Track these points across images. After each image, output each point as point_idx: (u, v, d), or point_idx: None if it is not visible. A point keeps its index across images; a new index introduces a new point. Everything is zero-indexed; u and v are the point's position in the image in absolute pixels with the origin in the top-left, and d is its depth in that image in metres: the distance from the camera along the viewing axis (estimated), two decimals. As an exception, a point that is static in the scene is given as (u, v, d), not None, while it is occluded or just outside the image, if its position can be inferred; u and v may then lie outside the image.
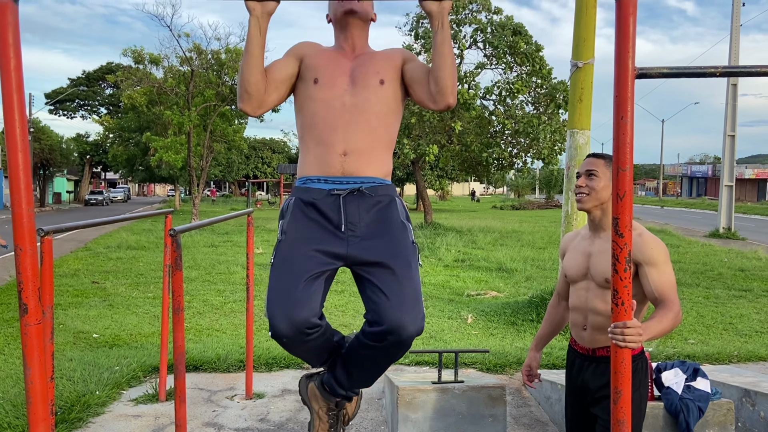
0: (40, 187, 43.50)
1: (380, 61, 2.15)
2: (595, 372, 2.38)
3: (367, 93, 2.08)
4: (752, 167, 63.33)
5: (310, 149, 2.12)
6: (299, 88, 2.17)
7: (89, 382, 4.53)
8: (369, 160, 2.10)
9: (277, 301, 2.02)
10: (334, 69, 2.12)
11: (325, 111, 2.08)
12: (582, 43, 6.42)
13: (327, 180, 2.08)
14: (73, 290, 9.25)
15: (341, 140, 2.07)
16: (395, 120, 2.17)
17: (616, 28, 1.61)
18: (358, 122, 2.07)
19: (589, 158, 2.45)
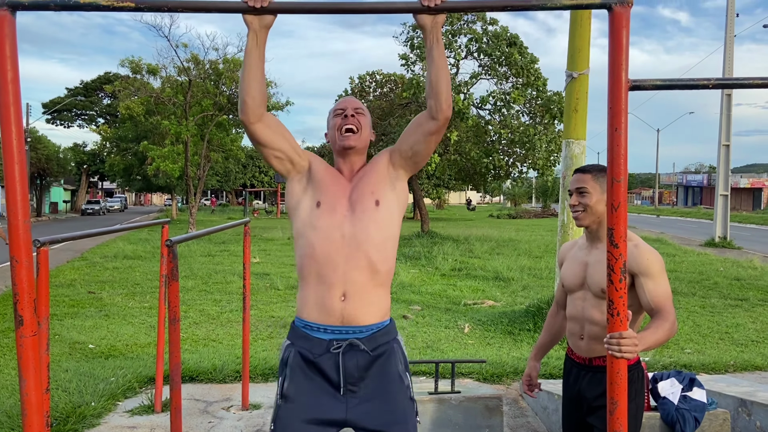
0: (37, 197, 43.43)
1: (373, 177, 2.19)
2: (592, 381, 2.38)
3: (365, 219, 2.12)
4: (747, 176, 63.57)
5: (310, 286, 2.13)
6: (301, 206, 2.18)
7: (85, 393, 4.51)
8: (369, 302, 2.11)
9: None
10: (335, 191, 2.16)
11: (324, 242, 2.10)
12: (577, 54, 6.47)
13: (327, 329, 2.10)
14: (70, 300, 9.22)
15: (341, 280, 2.08)
16: (393, 246, 2.20)
17: (610, 41, 1.63)
18: (358, 258, 2.09)
19: (577, 174, 2.46)
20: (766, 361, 5.94)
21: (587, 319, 2.38)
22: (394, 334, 2.20)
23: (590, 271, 2.39)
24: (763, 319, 8.19)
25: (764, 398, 3.69)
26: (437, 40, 2.00)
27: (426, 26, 1.96)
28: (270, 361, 5.52)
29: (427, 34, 1.98)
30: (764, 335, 7.25)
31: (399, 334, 2.25)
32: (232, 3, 1.80)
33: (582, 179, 2.41)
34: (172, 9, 1.72)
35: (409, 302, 9.28)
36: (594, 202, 2.37)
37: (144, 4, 1.69)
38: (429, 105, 2.12)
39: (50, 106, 48.53)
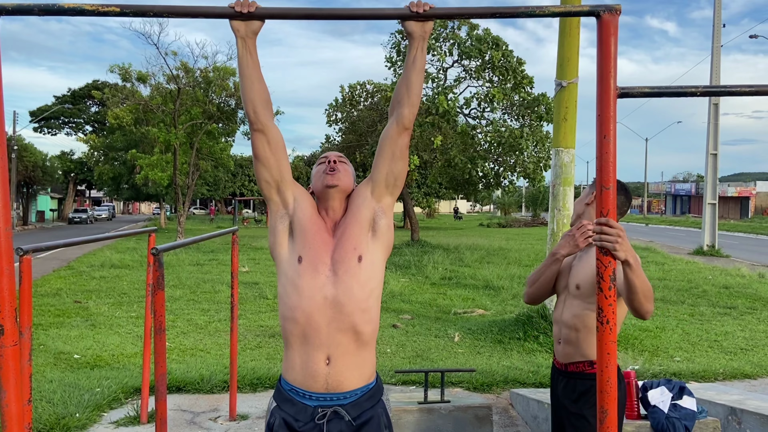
0: (23, 206, 43.05)
1: (355, 228, 2.12)
2: (567, 387, 2.38)
3: (347, 280, 2.07)
4: (735, 185, 64.19)
5: (294, 348, 2.10)
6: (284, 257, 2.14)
7: (69, 405, 4.44)
8: (353, 366, 2.09)
9: None
10: (318, 247, 2.10)
11: (307, 305, 2.06)
12: (566, 63, 6.50)
13: (312, 396, 2.09)
14: (55, 310, 9.11)
15: (325, 343, 2.06)
16: (377, 300, 2.15)
17: (598, 48, 1.63)
18: (341, 321, 2.06)
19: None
20: (756, 369, 5.96)
21: (563, 322, 2.39)
22: (379, 396, 2.17)
23: (572, 272, 2.41)
24: (752, 327, 8.23)
25: (754, 406, 3.69)
26: (421, 49, 2.00)
27: (414, 33, 1.95)
28: (258, 372, 5.47)
29: (414, 41, 1.97)
30: (753, 343, 7.28)
31: (385, 393, 2.22)
32: (218, 8, 1.79)
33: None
34: (158, 14, 1.70)
35: (399, 311, 9.25)
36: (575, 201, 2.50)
37: (129, 9, 1.67)
38: (399, 114, 2.07)
39: (37, 114, 48.20)
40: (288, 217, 2.16)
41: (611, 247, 1.65)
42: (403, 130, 2.08)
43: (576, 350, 2.34)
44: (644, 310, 2.05)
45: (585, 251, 2.39)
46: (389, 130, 2.11)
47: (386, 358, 6.44)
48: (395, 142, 2.10)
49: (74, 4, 1.64)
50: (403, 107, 2.07)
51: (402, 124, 2.08)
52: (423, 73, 2.07)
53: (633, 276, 1.93)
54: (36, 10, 1.64)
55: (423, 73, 2.07)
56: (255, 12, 1.78)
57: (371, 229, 2.15)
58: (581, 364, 2.33)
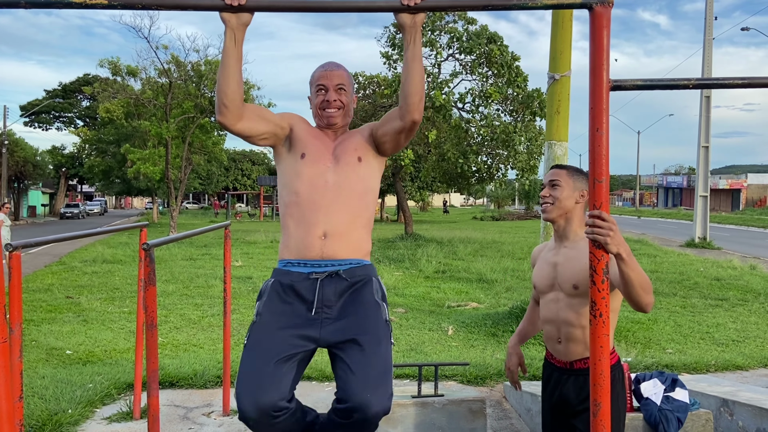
0: (15, 201, 42.77)
1: (357, 139, 2.29)
2: (575, 385, 2.35)
3: (347, 171, 2.21)
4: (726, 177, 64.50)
5: (291, 230, 2.20)
6: (286, 161, 2.26)
7: (61, 401, 4.42)
8: (348, 241, 2.18)
9: (245, 383, 2.05)
10: (320, 146, 2.25)
11: (309, 188, 2.17)
12: (559, 56, 6.49)
13: (306, 263, 2.15)
14: (47, 305, 9.06)
15: (322, 221, 2.15)
16: (373, 199, 2.30)
17: (591, 41, 1.62)
18: (339, 202, 2.17)
19: (553, 169, 2.48)
20: (747, 360, 6.00)
21: (562, 320, 2.36)
22: (373, 274, 2.25)
23: (560, 270, 2.37)
24: (744, 318, 8.28)
25: (746, 398, 3.71)
26: (414, 40, 2.01)
27: (405, 25, 1.95)
28: (252, 366, 5.46)
29: (406, 33, 1.98)
30: (744, 335, 7.33)
31: (380, 278, 2.29)
32: (208, 1, 1.77)
33: (557, 173, 2.43)
34: (147, 6, 1.68)
35: (392, 305, 9.25)
36: (564, 197, 2.37)
37: (117, 1, 1.65)
38: (400, 105, 2.17)
39: (28, 109, 47.84)
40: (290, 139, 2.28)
41: (603, 240, 1.64)
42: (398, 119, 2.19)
43: (583, 347, 2.31)
44: (644, 303, 2.02)
45: (571, 247, 2.35)
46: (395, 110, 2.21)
47: (380, 352, 6.44)
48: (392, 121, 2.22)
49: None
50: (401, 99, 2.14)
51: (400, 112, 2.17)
52: (421, 67, 2.11)
53: (627, 269, 1.91)
54: (23, 3, 1.61)
55: (420, 65, 2.10)
56: (245, 4, 1.76)
57: (371, 149, 2.29)
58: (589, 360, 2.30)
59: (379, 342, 2.11)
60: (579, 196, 2.38)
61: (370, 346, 2.08)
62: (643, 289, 1.99)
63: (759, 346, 6.81)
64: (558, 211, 2.38)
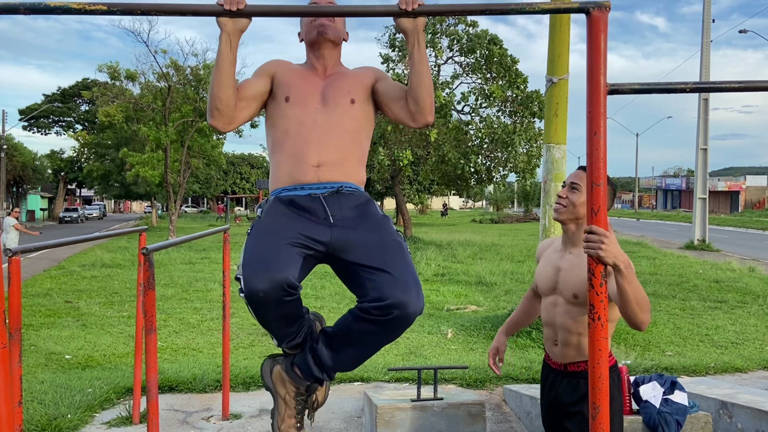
0: (13, 205, 42.73)
1: (351, 80, 2.16)
2: (568, 387, 2.36)
3: (338, 111, 2.09)
4: (725, 180, 64.60)
5: (282, 163, 2.09)
6: (270, 107, 2.16)
7: (60, 405, 4.41)
8: (343, 170, 2.10)
9: (257, 261, 1.91)
10: (306, 87, 2.12)
11: (297, 127, 2.07)
12: (557, 59, 6.51)
13: (303, 187, 2.06)
14: (46, 310, 9.05)
15: (314, 153, 2.06)
16: (366, 137, 2.19)
17: (588, 45, 1.62)
18: (331, 138, 2.07)
19: (578, 171, 2.41)
20: (746, 362, 6.00)
21: (560, 325, 2.36)
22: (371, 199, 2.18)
23: (562, 276, 2.36)
24: (743, 321, 8.28)
25: (745, 400, 3.71)
26: (418, 44, 2.00)
27: (407, 30, 1.95)
28: (251, 370, 5.45)
29: (408, 37, 1.98)
30: (743, 337, 7.33)
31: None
32: (207, 6, 1.77)
33: (580, 176, 2.37)
34: (146, 12, 1.68)
35: (391, 308, 9.25)
36: (580, 202, 2.33)
37: (116, 7, 1.66)
38: (409, 107, 2.11)
39: (27, 113, 47.82)
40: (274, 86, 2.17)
41: (594, 254, 1.65)
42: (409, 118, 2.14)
43: (577, 352, 2.32)
44: (638, 320, 1.98)
45: (575, 254, 2.34)
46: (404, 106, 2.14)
47: (379, 356, 6.43)
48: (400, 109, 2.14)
49: (61, 2, 1.63)
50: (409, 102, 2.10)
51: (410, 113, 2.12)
52: (428, 67, 2.09)
53: (624, 282, 1.88)
54: (22, 9, 1.62)
55: (428, 66, 2.09)
56: (243, 9, 1.77)
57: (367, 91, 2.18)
58: (583, 363, 2.31)
59: (401, 246, 2.04)
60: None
61: (393, 249, 2.00)
62: (639, 306, 1.95)
63: (758, 348, 6.81)
64: (569, 215, 2.35)
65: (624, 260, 1.82)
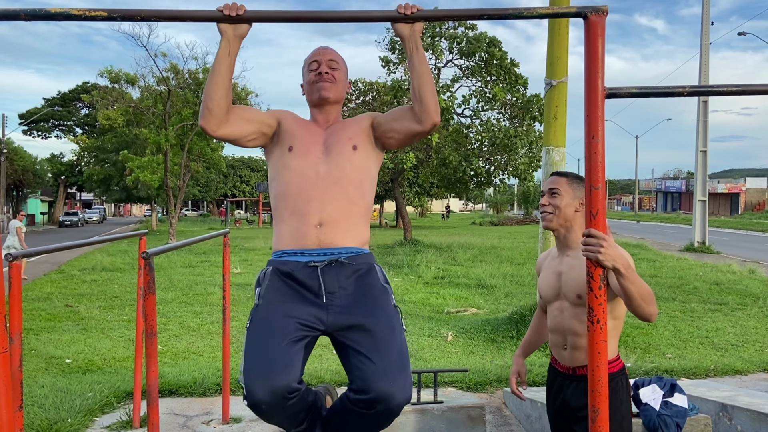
0: (13, 209, 42.74)
1: (352, 127, 2.18)
2: (576, 390, 2.36)
3: (340, 160, 2.10)
4: (725, 182, 64.61)
5: (284, 220, 2.10)
6: (274, 155, 2.18)
7: (61, 410, 4.42)
8: (345, 230, 2.08)
9: (256, 367, 1.95)
10: (309, 137, 2.14)
11: (299, 179, 2.08)
12: (555, 62, 6.52)
13: (303, 253, 2.06)
14: (46, 314, 9.05)
15: (316, 210, 2.06)
16: (371, 187, 2.18)
17: (586, 49, 1.63)
18: (333, 191, 2.07)
19: (552, 176, 2.45)
20: (746, 365, 6.00)
21: (568, 330, 2.36)
22: (374, 262, 2.16)
23: (564, 280, 2.37)
24: (743, 323, 8.28)
25: (745, 402, 3.71)
26: (416, 47, 2.01)
27: (404, 35, 1.96)
28: (251, 373, 5.45)
29: (406, 42, 1.99)
30: (744, 339, 7.33)
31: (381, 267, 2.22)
32: (207, 12, 1.78)
33: (557, 181, 2.40)
34: (146, 18, 1.69)
35: (392, 311, 9.25)
36: (564, 205, 2.35)
37: (116, 13, 1.67)
38: (414, 110, 2.11)
39: (27, 117, 47.86)
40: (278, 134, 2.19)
41: (594, 257, 1.67)
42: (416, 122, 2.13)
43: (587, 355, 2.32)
44: (646, 313, 2.02)
45: (573, 256, 2.34)
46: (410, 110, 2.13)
47: (380, 359, 6.44)
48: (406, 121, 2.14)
49: (61, 9, 1.64)
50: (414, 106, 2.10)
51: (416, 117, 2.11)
52: (428, 69, 2.09)
53: (626, 282, 1.90)
54: (23, 15, 1.63)
55: (428, 68, 2.09)
56: (243, 15, 1.78)
57: (368, 137, 2.19)
58: None
59: (393, 328, 2.04)
60: (579, 204, 2.35)
61: (384, 334, 2.01)
62: (645, 301, 1.98)
63: (758, 350, 6.81)
64: (558, 220, 2.37)
65: (623, 262, 1.83)
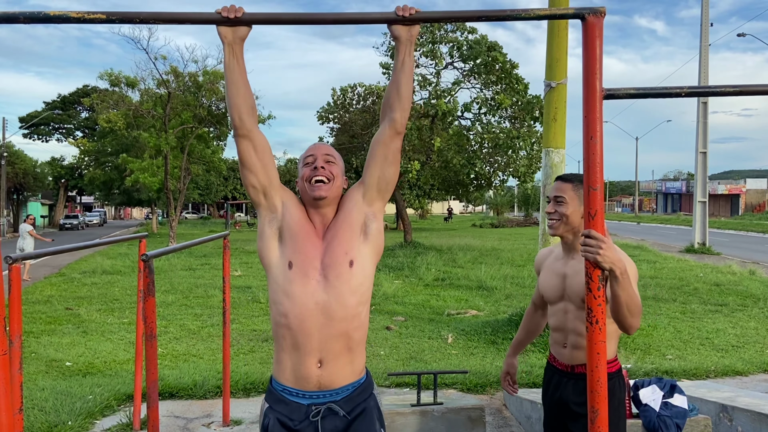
0: (14, 212, 42.77)
1: (346, 233, 2.11)
2: (575, 389, 2.37)
3: (338, 285, 2.07)
4: (725, 183, 64.59)
5: (285, 351, 2.11)
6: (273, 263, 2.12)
7: (61, 412, 4.42)
8: (344, 366, 2.10)
9: None
10: (308, 251, 2.09)
11: (299, 311, 2.06)
12: (555, 64, 6.53)
13: (305, 395, 2.10)
14: (46, 317, 9.05)
15: (316, 348, 2.07)
16: (366, 308, 2.15)
17: (584, 50, 1.64)
18: (332, 327, 2.06)
19: (557, 182, 2.43)
20: (746, 365, 6.00)
21: (571, 330, 2.37)
22: (370, 390, 2.19)
23: (569, 282, 2.37)
24: (743, 324, 8.28)
25: (745, 403, 3.71)
26: (410, 53, 2.02)
27: (401, 38, 1.96)
28: (251, 376, 5.45)
29: (401, 45, 1.98)
30: (744, 340, 7.33)
31: (375, 388, 2.24)
32: (205, 14, 1.79)
33: (561, 188, 2.39)
34: (145, 21, 1.70)
35: (392, 313, 9.25)
36: (570, 212, 2.35)
37: (115, 16, 1.67)
38: (391, 117, 2.08)
39: (27, 120, 47.89)
40: (277, 222, 2.15)
41: (592, 258, 1.67)
42: (396, 134, 2.09)
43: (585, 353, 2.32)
44: (627, 324, 2.01)
45: (579, 260, 2.34)
46: (382, 135, 2.11)
47: (380, 361, 6.43)
48: (388, 146, 2.11)
49: (60, 12, 1.64)
50: (395, 112, 2.08)
51: (394, 128, 2.08)
52: (412, 76, 2.09)
53: (618, 288, 1.89)
54: (22, 18, 1.63)
55: (412, 75, 2.09)
56: (242, 17, 1.78)
57: (363, 233, 2.14)
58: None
59: None
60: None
61: None
62: (629, 311, 1.97)
63: (758, 351, 6.81)
64: (565, 228, 2.36)
65: (620, 266, 1.83)
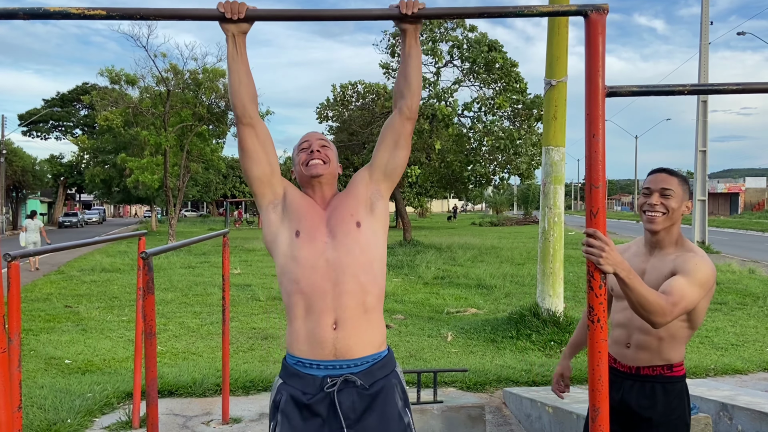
0: (13, 210, 42.73)
1: (351, 201, 2.12)
2: (640, 392, 2.28)
3: (348, 242, 2.04)
4: (724, 181, 64.63)
5: (299, 319, 2.03)
6: (281, 239, 2.10)
7: (60, 410, 4.41)
8: (362, 331, 2.02)
9: None
10: (313, 218, 2.09)
11: (310, 273, 2.02)
12: (555, 62, 6.52)
13: (319, 365, 2.00)
14: (45, 315, 9.04)
15: (331, 306, 2.00)
16: (381, 268, 2.11)
17: (586, 48, 1.63)
18: (345, 281, 2.01)
19: (662, 174, 2.27)
20: (746, 364, 6.00)
21: (636, 327, 2.27)
22: (392, 366, 2.10)
23: (647, 278, 2.24)
24: (742, 322, 8.28)
25: (745, 402, 3.71)
26: (416, 39, 2.04)
27: (408, 29, 1.98)
28: (251, 374, 5.45)
29: (407, 34, 2.00)
30: (743, 338, 7.33)
31: (398, 365, 2.15)
32: (207, 11, 1.78)
33: (668, 181, 2.22)
34: (145, 17, 1.69)
35: (392, 311, 9.25)
36: (676, 207, 2.21)
37: (115, 12, 1.66)
38: (402, 105, 2.10)
39: (26, 118, 47.84)
40: (281, 207, 2.15)
41: (595, 260, 1.65)
42: (407, 120, 2.11)
43: (653, 355, 2.26)
44: (651, 322, 2.00)
45: (659, 258, 2.25)
46: (393, 119, 2.14)
47: (379, 359, 6.43)
48: (398, 130, 2.12)
49: (60, 7, 1.63)
50: (405, 98, 2.10)
51: (405, 114, 2.10)
52: (420, 63, 2.11)
53: (626, 289, 1.87)
54: (21, 14, 1.62)
55: (420, 62, 2.10)
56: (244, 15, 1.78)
57: (368, 207, 2.14)
58: (659, 368, 2.25)
59: None
60: (685, 207, 2.24)
61: None
62: (645, 309, 1.93)
63: (758, 350, 6.81)
64: (668, 222, 2.23)
65: (625, 267, 1.79)
